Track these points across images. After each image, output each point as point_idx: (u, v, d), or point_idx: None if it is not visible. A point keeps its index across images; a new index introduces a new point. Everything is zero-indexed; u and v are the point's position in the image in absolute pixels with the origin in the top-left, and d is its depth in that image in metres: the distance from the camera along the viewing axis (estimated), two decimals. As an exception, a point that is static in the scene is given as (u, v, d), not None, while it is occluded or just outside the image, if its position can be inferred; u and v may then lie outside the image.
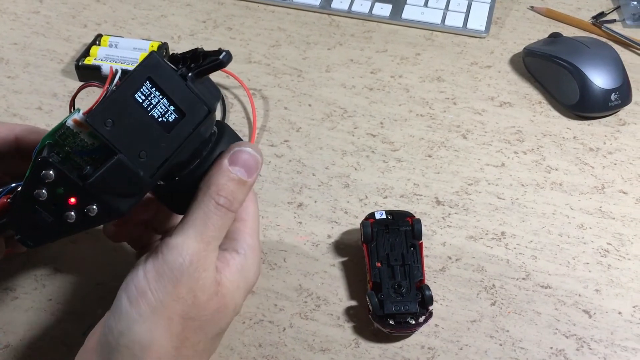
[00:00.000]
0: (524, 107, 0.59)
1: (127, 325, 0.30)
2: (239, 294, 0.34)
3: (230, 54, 0.32)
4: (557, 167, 0.53)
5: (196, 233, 0.32)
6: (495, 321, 0.43)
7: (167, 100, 0.31)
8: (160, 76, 0.31)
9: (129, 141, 0.30)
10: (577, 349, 0.42)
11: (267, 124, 0.57)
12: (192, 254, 0.31)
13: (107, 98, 0.30)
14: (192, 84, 0.31)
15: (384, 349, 0.42)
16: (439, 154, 0.55)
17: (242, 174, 0.33)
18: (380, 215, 0.46)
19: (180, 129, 0.31)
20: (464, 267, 0.46)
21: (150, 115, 0.30)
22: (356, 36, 0.67)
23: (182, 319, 0.31)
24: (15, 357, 0.41)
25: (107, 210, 0.31)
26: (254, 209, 0.38)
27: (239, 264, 0.34)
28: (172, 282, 0.31)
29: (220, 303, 0.33)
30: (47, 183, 0.30)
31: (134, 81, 0.30)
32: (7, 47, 0.64)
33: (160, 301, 0.30)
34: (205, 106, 0.32)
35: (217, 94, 0.34)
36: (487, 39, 0.67)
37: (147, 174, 0.31)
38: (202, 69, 0.32)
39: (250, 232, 0.36)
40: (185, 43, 0.65)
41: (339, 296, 0.45)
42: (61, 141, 0.31)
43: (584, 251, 0.47)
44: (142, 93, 0.30)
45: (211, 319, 0.33)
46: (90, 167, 0.31)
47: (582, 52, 0.58)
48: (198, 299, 0.31)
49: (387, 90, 0.61)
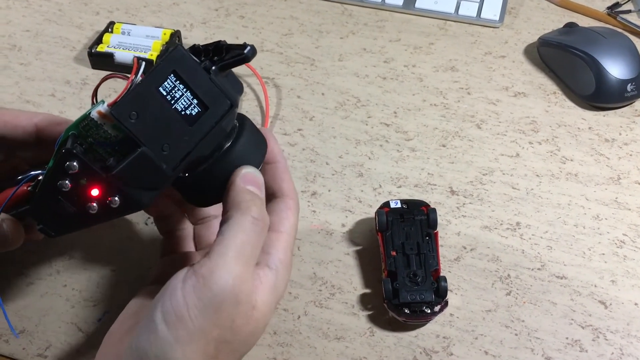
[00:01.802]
0: (538, 98, 0.59)
1: (163, 350, 0.29)
2: (270, 314, 0.33)
3: (254, 48, 0.32)
4: (572, 157, 0.53)
5: (236, 254, 0.31)
6: (510, 311, 0.43)
7: (190, 93, 0.31)
8: (185, 69, 0.30)
9: (152, 134, 0.30)
10: (593, 339, 0.42)
11: (280, 113, 0.57)
12: (234, 278, 0.30)
13: (132, 91, 0.30)
14: (216, 77, 0.31)
15: (399, 338, 0.42)
16: (453, 143, 0.54)
17: (257, 191, 0.33)
18: (396, 204, 0.45)
19: (203, 123, 0.31)
20: (479, 257, 0.46)
21: (173, 109, 0.30)
22: (369, 25, 0.66)
23: (218, 343, 0.30)
24: (31, 342, 0.41)
25: (129, 202, 0.31)
26: (293, 222, 0.36)
27: (271, 282, 0.33)
28: (212, 308, 0.30)
29: (254, 326, 0.32)
30: (71, 174, 0.30)
31: (159, 74, 0.30)
32: (19, 34, 0.64)
33: (200, 327, 0.30)
34: (228, 100, 0.32)
35: (240, 87, 0.34)
36: (501, 29, 0.66)
37: (170, 167, 0.31)
38: (226, 63, 0.32)
39: (284, 245, 0.35)
40: (198, 31, 0.65)
41: (354, 285, 0.44)
42: (84, 132, 0.31)
43: (600, 242, 0.47)
44: (167, 86, 0.30)
45: (244, 341, 0.32)
46: (114, 159, 0.31)
47: (598, 42, 0.58)
48: (235, 323, 0.31)
49: (400, 80, 0.60)
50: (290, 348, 0.41)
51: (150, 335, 0.30)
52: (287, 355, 0.41)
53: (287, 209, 0.36)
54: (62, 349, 0.41)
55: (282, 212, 0.36)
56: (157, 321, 0.30)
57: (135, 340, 0.30)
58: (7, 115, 0.38)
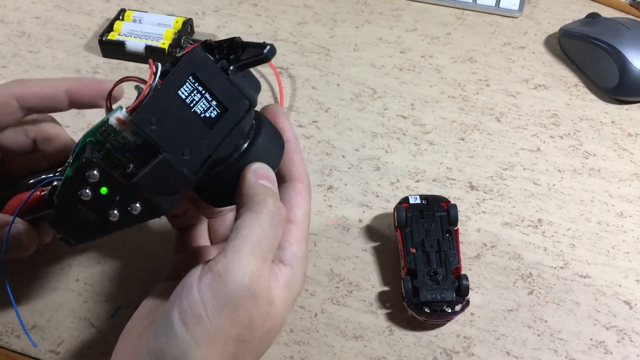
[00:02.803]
0: (559, 90, 0.57)
1: (182, 351, 0.28)
2: (287, 311, 0.32)
3: (274, 48, 0.30)
4: (594, 152, 0.52)
5: (252, 249, 0.29)
6: (532, 311, 0.42)
7: (209, 95, 0.30)
8: (203, 71, 0.30)
9: (173, 139, 0.29)
10: (618, 340, 0.41)
11: (295, 104, 0.55)
12: (250, 274, 0.29)
13: (152, 96, 0.29)
14: (234, 77, 0.30)
15: (418, 337, 0.41)
16: (472, 137, 0.53)
17: (270, 185, 0.32)
18: (415, 200, 0.44)
19: (223, 125, 0.30)
20: (500, 255, 0.45)
21: (193, 112, 0.30)
22: (385, 14, 0.65)
23: (236, 342, 0.29)
24: (43, 338, 0.40)
25: (150, 208, 0.31)
26: (305, 209, 0.34)
27: (287, 278, 0.32)
28: (230, 306, 0.29)
29: (271, 324, 0.31)
30: (92, 183, 0.30)
31: (178, 77, 0.29)
32: (28, 20, 0.63)
33: (218, 327, 0.29)
34: (247, 100, 0.31)
35: (258, 86, 0.33)
36: (520, 19, 0.65)
37: (191, 172, 0.30)
38: (244, 63, 0.31)
39: (298, 237, 0.33)
40: (210, 19, 0.64)
41: (372, 282, 0.43)
42: (102, 138, 0.31)
43: (624, 240, 0.46)
44: (186, 89, 0.29)
45: (261, 340, 0.31)
46: (134, 166, 0.30)
47: (622, 34, 0.56)
48: (253, 321, 0.30)
49: (417, 71, 0.59)
50: (307, 347, 0.40)
51: (169, 336, 0.29)
52: (304, 354, 0.40)
53: (297, 195, 0.34)
54: (74, 344, 0.40)
55: (292, 199, 0.34)
56: (174, 321, 0.29)
57: (152, 340, 0.29)
58: (33, 86, 0.36)
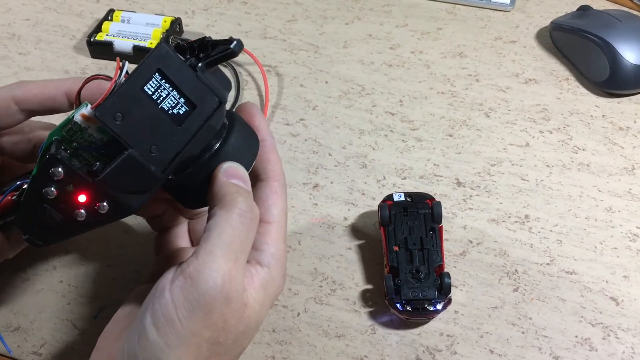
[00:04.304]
0: (550, 84, 0.56)
1: (155, 354, 0.28)
2: (263, 312, 0.32)
3: (241, 43, 0.30)
4: (584, 147, 0.51)
5: (224, 250, 0.29)
6: (517, 308, 0.41)
7: (177, 92, 0.29)
8: (169, 67, 0.29)
9: (139, 135, 0.29)
10: (604, 337, 0.40)
11: (282, 102, 0.55)
12: (223, 276, 0.29)
13: (116, 92, 0.28)
14: (202, 74, 0.30)
15: (401, 336, 0.40)
16: (461, 133, 0.52)
17: (242, 184, 0.32)
18: (399, 197, 0.44)
19: (191, 122, 0.30)
20: (485, 252, 0.44)
21: (160, 108, 0.29)
22: (375, 10, 0.64)
23: (210, 345, 0.29)
24: (26, 339, 0.40)
25: (119, 207, 0.30)
26: (281, 208, 0.34)
27: (263, 279, 0.31)
28: (202, 309, 0.28)
29: (245, 325, 0.30)
30: (56, 181, 0.29)
31: (143, 73, 0.29)
32: (19, 22, 0.63)
33: (190, 330, 0.28)
34: (216, 97, 0.31)
35: (228, 84, 0.33)
36: (512, 13, 0.64)
37: (159, 169, 0.30)
38: (213, 59, 0.30)
39: (275, 238, 0.32)
40: (199, 18, 0.63)
41: (355, 280, 0.43)
42: (68, 137, 0.30)
43: (612, 235, 0.45)
44: (152, 85, 0.29)
45: (235, 341, 0.30)
46: (100, 163, 0.30)
47: (613, 26, 0.55)
48: (227, 323, 0.29)
49: (406, 67, 0.58)
50: (289, 346, 0.40)
51: (141, 340, 0.29)
52: (286, 353, 0.40)
53: (273, 194, 0.34)
54: (57, 346, 0.40)
55: (269, 199, 0.33)
56: (146, 325, 0.29)
57: (126, 344, 0.29)
58: (33, 88, 0.36)
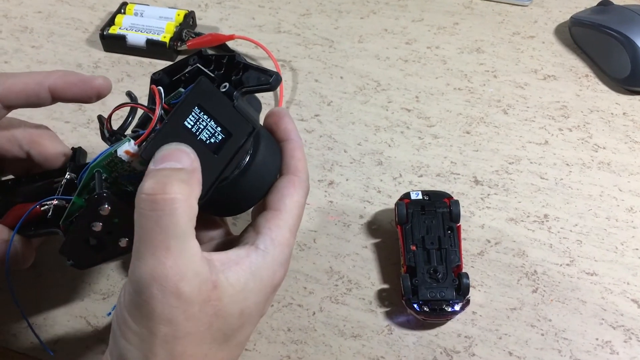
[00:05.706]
0: (569, 81, 0.55)
1: (121, 354, 0.29)
2: (251, 296, 0.30)
3: (280, 77, 0.31)
4: (604, 145, 0.50)
5: (145, 248, 0.28)
6: (536, 309, 0.41)
7: (214, 122, 0.30)
8: (209, 101, 0.30)
9: None
10: (625, 340, 0.39)
11: (296, 97, 0.54)
12: (150, 272, 0.27)
13: (160, 131, 0.29)
14: (238, 102, 0.31)
15: (418, 337, 0.40)
16: (478, 130, 0.52)
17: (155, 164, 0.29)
18: (416, 196, 0.43)
19: (227, 149, 0.31)
20: (504, 252, 0.44)
21: (198, 140, 0.30)
22: (391, 4, 0.64)
23: (173, 339, 0.28)
24: (40, 335, 0.40)
25: None
26: (295, 200, 0.33)
27: (254, 262, 0.30)
28: (145, 306, 0.28)
29: (216, 308, 0.29)
30: (103, 216, 0.31)
31: (184, 109, 0.30)
32: (31, 15, 0.62)
33: (145, 327, 0.28)
34: (250, 124, 0.31)
35: (259, 106, 0.34)
36: (530, 7, 0.63)
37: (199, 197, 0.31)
38: (250, 90, 0.31)
39: (279, 224, 0.32)
40: (213, 11, 0.63)
41: (371, 280, 0.43)
42: (109, 168, 0.32)
43: (634, 236, 0.44)
44: (192, 119, 0.30)
45: (208, 330, 0.29)
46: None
47: (635, 22, 0.54)
48: (187, 312, 0.28)
49: (423, 62, 0.57)
50: (304, 346, 0.40)
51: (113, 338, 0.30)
52: (301, 353, 0.39)
53: (289, 185, 0.33)
54: (70, 343, 0.40)
55: (284, 189, 0.33)
56: (114, 326, 0.30)
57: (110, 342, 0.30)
58: (16, 83, 0.35)
